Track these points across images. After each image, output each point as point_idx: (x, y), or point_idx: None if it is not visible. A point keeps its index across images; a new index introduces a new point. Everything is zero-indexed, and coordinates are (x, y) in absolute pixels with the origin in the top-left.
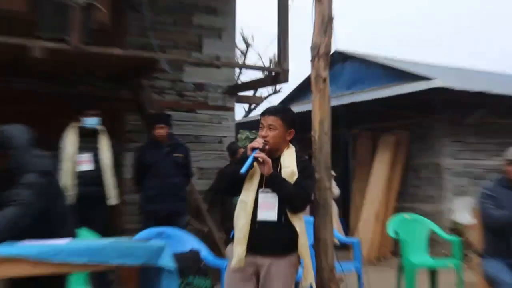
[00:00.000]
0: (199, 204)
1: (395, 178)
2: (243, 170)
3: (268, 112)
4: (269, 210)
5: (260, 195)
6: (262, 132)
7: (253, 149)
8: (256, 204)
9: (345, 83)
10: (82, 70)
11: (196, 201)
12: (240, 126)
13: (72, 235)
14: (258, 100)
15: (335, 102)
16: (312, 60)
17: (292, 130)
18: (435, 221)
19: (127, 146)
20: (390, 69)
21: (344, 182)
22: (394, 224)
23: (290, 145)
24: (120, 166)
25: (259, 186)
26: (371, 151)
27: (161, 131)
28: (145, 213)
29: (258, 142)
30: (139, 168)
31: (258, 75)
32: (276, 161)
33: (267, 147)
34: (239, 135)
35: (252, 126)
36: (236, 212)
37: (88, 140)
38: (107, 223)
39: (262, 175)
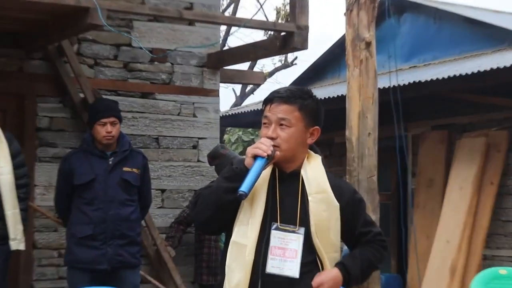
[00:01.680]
0: (161, 251)
1: (484, 206)
2: (244, 188)
3: (278, 98)
4: (286, 260)
5: (274, 235)
6: (269, 131)
7: (256, 157)
8: (261, 248)
9: (403, 50)
10: None
11: (157, 245)
12: (228, 121)
13: None
14: (258, 79)
15: (385, 82)
16: (348, 11)
17: (317, 127)
18: None
19: (39, 154)
20: (477, 25)
21: (398, 212)
22: (482, 283)
23: (312, 152)
24: (28, 187)
25: (268, 219)
26: (444, 162)
27: (106, 130)
28: (73, 265)
29: (265, 146)
30: (66, 192)
31: (258, 36)
32: (292, 181)
33: (277, 154)
34: (226, 136)
35: (248, 121)
36: (227, 262)
37: None
38: (6, 279)
39: (270, 199)
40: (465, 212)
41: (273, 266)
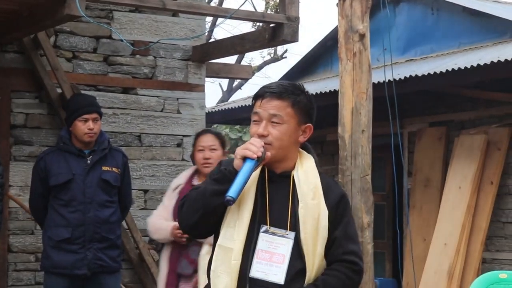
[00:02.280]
0: (144, 255)
1: (483, 207)
2: (231, 193)
3: (270, 93)
4: (272, 265)
5: (262, 238)
6: (259, 129)
7: (246, 159)
8: (249, 252)
9: (399, 42)
10: None
11: (140, 249)
12: (215, 118)
13: None
14: (246, 73)
15: (379, 77)
16: (340, 1)
17: (309, 125)
18: None
19: (14, 153)
20: (478, 16)
21: (393, 213)
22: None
23: (304, 152)
24: (3, 188)
25: (257, 221)
26: (442, 161)
27: (87, 126)
28: (51, 270)
29: (255, 147)
30: (41, 193)
31: (246, 28)
32: (282, 183)
33: (267, 155)
34: None
35: (236, 117)
36: (212, 266)
37: None
38: None
39: (259, 201)
40: (464, 213)
41: (257, 271)
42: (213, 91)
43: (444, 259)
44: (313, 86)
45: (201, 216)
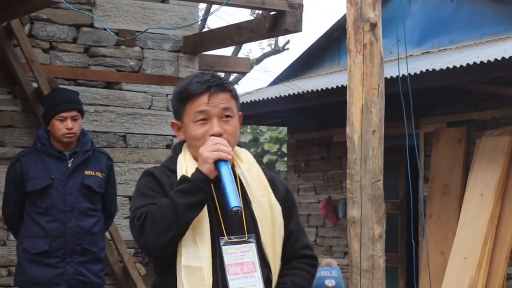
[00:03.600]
0: (129, 268)
1: (508, 217)
2: (236, 203)
3: (215, 86)
4: (246, 276)
5: (225, 251)
6: (213, 128)
7: (219, 161)
8: (217, 269)
9: (414, 33)
10: None
11: (124, 262)
12: None
13: None
14: (243, 67)
15: (393, 71)
16: None
17: (241, 113)
18: None
19: None
20: (501, 4)
21: (408, 223)
22: None
23: (236, 146)
24: None
25: (215, 233)
26: (462, 165)
27: (66, 126)
28: (26, 286)
29: (226, 146)
30: (16, 200)
31: (244, 16)
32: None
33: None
34: None
35: None
36: None
37: None
38: None
39: (213, 213)
40: (486, 223)
41: (235, 286)
42: None
43: (465, 274)
44: (319, 81)
45: (174, 235)
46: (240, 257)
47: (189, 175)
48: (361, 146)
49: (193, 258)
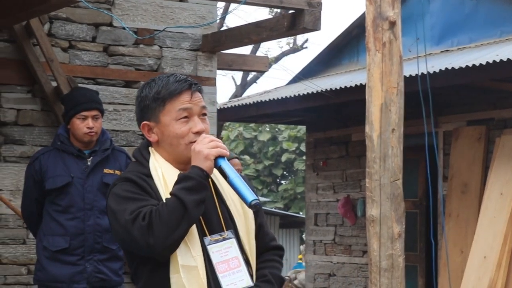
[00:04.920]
0: None
1: None
2: (254, 197)
3: (194, 84)
4: (234, 272)
5: (211, 250)
6: (198, 125)
7: (218, 158)
8: (207, 268)
9: (433, 31)
10: None
11: None
12: (227, 114)
13: None
14: (262, 65)
15: (412, 69)
16: None
17: None
18: None
19: (4, 153)
20: None
21: (427, 222)
22: None
23: None
24: None
25: (200, 235)
26: (482, 164)
27: (87, 125)
28: (45, 284)
29: (221, 143)
30: (35, 198)
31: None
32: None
33: None
34: (224, 133)
35: (251, 114)
36: None
37: None
38: None
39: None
40: (506, 222)
41: (227, 285)
42: (225, 85)
43: (484, 273)
44: (337, 79)
45: (183, 233)
46: (224, 254)
47: (165, 178)
48: (380, 145)
49: (187, 257)
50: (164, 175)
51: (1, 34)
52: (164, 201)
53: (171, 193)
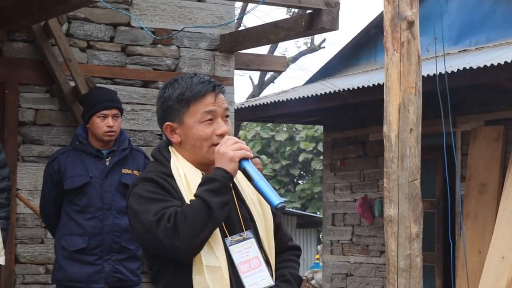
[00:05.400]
0: None
1: None
2: (280, 199)
3: (218, 86)
4: (255, 272)
5: (233, 251)
6: (221, 127)
7: (243, 160)
8: (229, 268)
9: (451, 31)
10: None
11: None
12: (244, 114)
13: None
14: (279, 65)
15: (430, 69)
16: None
17: None
18: None
19: (22, 153)
20: None
21: (445, 222)
22: None
23: None
24: (10, 192)
25: (221, 234)
26: (500, 164)
27: (107, 124)
28: (64, 284)
29: (244, 144)
30: (53, 197)
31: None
32: None
33: None
34: (241, 133)
35: (268, 114)
36: None
37: None
38: None
39: None
40: None
41: (250, 285)
42: (242, 85)
43: (502, 274)
44: (355, 79)
45: (208, 235)
46: (245, 254)
47: (188, 179)
48: (398, 145)
49: (211, 258)
50: (186, 175)
51: (19, 34)
52: (187, 201)
53: (195, 195)
